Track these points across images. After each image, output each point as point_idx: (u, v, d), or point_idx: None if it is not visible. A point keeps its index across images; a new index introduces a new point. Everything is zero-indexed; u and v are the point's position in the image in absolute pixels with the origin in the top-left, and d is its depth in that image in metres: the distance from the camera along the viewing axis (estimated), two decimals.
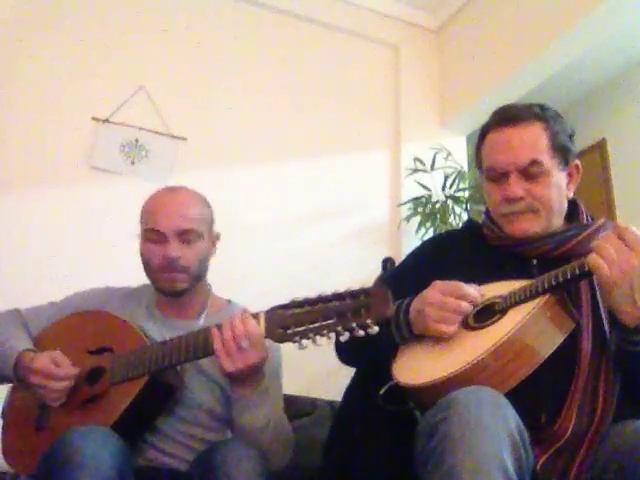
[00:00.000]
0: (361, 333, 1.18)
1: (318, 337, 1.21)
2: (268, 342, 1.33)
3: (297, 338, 1.23)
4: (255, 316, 1.32)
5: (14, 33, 2.67)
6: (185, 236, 1.54)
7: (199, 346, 1.36)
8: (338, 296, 1.22)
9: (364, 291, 1.20)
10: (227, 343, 1.31)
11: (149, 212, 1.59)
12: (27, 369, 1.44)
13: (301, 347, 1.23)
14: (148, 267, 1.58)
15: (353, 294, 1.20)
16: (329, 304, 1.22)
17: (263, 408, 1.41)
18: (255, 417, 1.40)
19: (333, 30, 3.30)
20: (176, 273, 1.54)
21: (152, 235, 1.54)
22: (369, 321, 1.17)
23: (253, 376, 1.38)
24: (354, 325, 1.18)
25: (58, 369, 1.42)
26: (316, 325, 1.21)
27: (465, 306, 1.24)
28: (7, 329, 1.56)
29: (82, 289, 1.69)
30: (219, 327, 1.34)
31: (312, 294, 1.25)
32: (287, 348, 1.35)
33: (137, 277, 1.71)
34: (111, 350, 1.47)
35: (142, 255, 1.59)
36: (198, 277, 1.60)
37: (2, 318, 1.61)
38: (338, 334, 1.20)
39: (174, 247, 1.52)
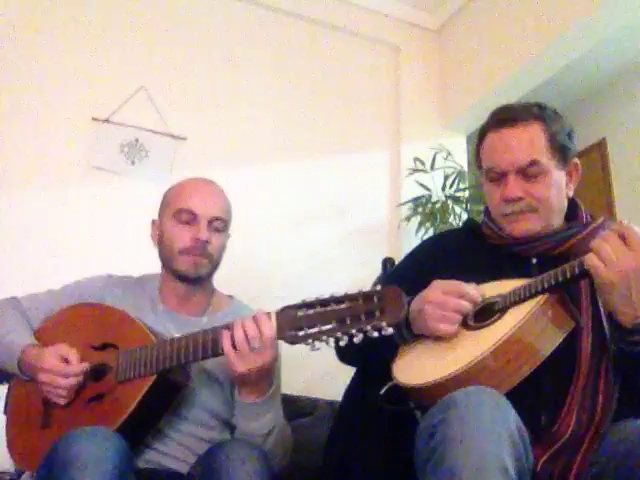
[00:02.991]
0: (375, 335, 1.15)
1: (331, 339, 1.18)
2: None
3: (310, 340, 1.20)
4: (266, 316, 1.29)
5: (14, 33, 2.67)
6: (216, 223, 1.56)
7: (209, 346, 1.33)
8: (350, 297, 1.18)
9: (377, 292, 1.16)
10: (239, 344, 1.28)
11: (182, 194, 1.58)
12: (34, 367, 1.40)
13: (313, 349, 1.20)
14: (170, 249, 1.56)
15: (366, 295, 1.16)
16: (341, 305, 1.18)
17: (270, 414, 1.40)
18: (262, 424, 1.38)
19: (333, 30, 3.29)
20: (201, 257, 1.54)
21: (184, 216, 1.54)
22: (384, 323, 1.14)
23: (263, 380, 1.35)
24: (368, 327, 1.14)
25: (68, 366, 1.39)
26: (329, 327, 1.18)
27: (466, 305, 1.25)
28: (8, 321, 1.53)
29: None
30: (229, 327, 1.31)
31: (322, 294, 1.21)
32: (286, 347, 1.33)
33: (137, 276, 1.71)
34: (114, 346, 1.44)
35: (166, 236, 1.57)
36: (215, 267, 1.61)
37: (1, 308, 1.57)
38: (352, 336, 1.16)
39: (205, 231, 1.53)
